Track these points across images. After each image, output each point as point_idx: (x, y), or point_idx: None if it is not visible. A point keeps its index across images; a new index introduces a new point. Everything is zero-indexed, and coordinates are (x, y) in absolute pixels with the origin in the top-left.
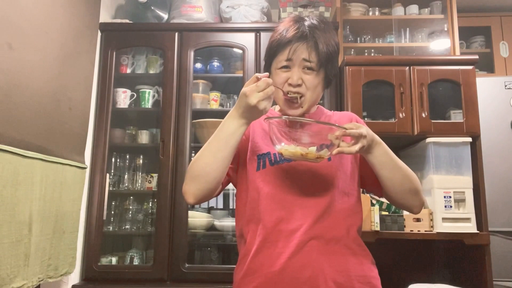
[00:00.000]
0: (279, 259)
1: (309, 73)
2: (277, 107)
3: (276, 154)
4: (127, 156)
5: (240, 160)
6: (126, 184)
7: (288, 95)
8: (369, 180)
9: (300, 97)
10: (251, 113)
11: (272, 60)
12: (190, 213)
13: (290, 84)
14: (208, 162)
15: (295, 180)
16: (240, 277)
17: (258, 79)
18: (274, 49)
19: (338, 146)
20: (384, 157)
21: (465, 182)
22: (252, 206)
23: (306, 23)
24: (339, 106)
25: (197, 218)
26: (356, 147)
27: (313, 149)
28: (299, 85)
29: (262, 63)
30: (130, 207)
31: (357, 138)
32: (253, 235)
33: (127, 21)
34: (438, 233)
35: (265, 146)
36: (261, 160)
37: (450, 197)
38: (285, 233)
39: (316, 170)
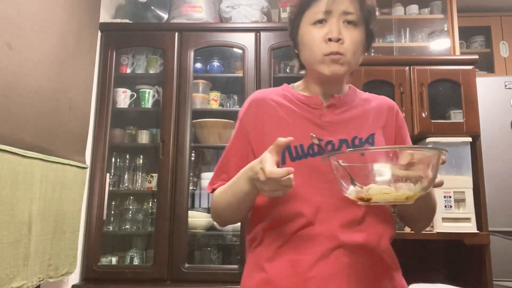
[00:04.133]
0: (298, 269)
1: (350, 27)
2: (298, 85)
3: (297, 147)
4: (127, 156)
5: (256, 157)
6: (126, 184)
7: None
8: None
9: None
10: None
11: (303, 15)
12: (190, 213)
13: (329, 40)
14: (226, 212)
15: (321, 178)
16: (253, 286)
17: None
18: (307, 1)
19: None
20: None
21: (465, 182)
22: (271, 208)
23: None
24: None
25: (197, 218)
26: (441, 178)
27: (418, 187)
28: (339, 41)
29: (263, 62)
30: (130, 207)
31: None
32: (270, 239)
33: (127, 21)
34: (438, 233)
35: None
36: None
37: (450, 197)
38: (307, 238)
39: None
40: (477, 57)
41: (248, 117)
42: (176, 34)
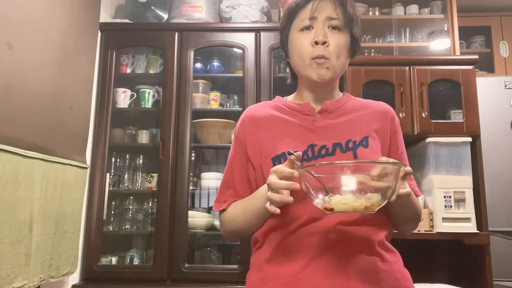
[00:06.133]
0: (294, 267)
1: (334, 32)
2: (291, 96)
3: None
4: (127, 156)
5: (256, 169)
6: (126, 184)
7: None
8: None
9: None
10: None
11: (292, 23)
12: (190, 213)
13: (316, 43)
14: (245, 229)
15: None
16: (253, 285)
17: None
18: (294, 9)
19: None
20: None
21: (465, 182)
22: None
23: None
24: None
25: (197, 218)
26: (408, 188)
27: (377, 197)
28: (325, 43)
29: (263, 62)
30: (130, 207)
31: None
32: (269, 242)
33: (127, 21)
34: (438, 233)
35: (278, 146)
36: (276, 162)
37: (450, 197)
38: (303, 237)
39: None
40: (477, 57)
41: (243, 133)
42: (176, 34)
